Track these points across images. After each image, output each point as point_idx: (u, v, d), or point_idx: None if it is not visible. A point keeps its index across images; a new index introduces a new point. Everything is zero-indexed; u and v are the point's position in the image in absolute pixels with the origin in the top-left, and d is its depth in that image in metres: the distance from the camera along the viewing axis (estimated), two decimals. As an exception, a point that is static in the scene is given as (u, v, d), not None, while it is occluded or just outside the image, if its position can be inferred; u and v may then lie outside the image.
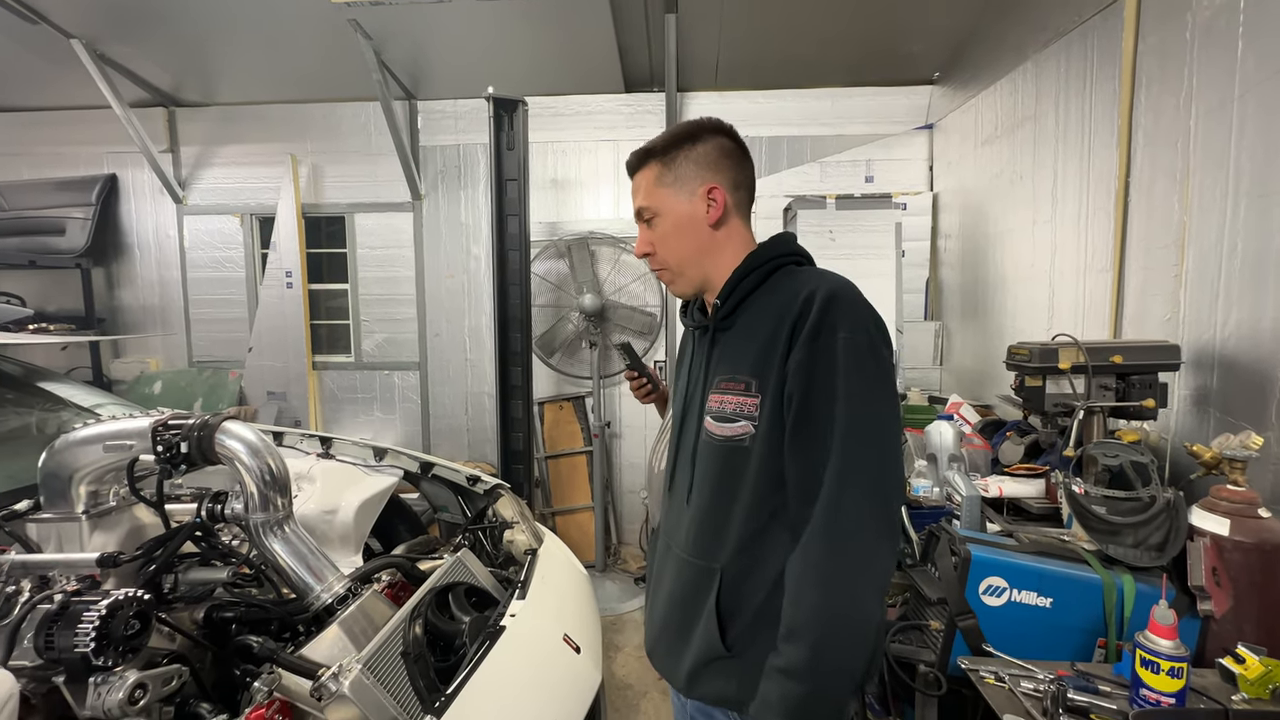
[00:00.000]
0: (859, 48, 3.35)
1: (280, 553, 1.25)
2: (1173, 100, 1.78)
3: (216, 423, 1.24)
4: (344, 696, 0.99)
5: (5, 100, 4.06)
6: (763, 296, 0.92)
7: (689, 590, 0.94)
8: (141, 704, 0.96)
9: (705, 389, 0.95)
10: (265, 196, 4.02)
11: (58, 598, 0.98)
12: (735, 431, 0.88)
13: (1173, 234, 1.78)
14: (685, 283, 0.99)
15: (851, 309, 0.83)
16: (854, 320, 0.82)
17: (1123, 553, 1.30)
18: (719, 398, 0.90)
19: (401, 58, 3.48)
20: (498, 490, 1.90)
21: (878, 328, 0.84)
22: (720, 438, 0.90)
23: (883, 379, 0.82)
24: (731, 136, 0.97)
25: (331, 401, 4.14)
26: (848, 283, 0.87)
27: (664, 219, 0.96)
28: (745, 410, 0.87)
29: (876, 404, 0.81)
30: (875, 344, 0.82)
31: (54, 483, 1.22)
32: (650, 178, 0.96)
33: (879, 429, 0.81)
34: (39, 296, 4.12)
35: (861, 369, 0.80)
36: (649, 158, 0.96)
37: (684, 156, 0.94)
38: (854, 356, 0.80)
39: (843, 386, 0.80)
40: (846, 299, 0.83)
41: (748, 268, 0.93)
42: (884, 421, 0.81)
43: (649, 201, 0.96)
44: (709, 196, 0.94)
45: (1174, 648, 0.97)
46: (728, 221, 0.96)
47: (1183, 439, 1.61)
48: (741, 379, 0.88)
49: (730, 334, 0.94)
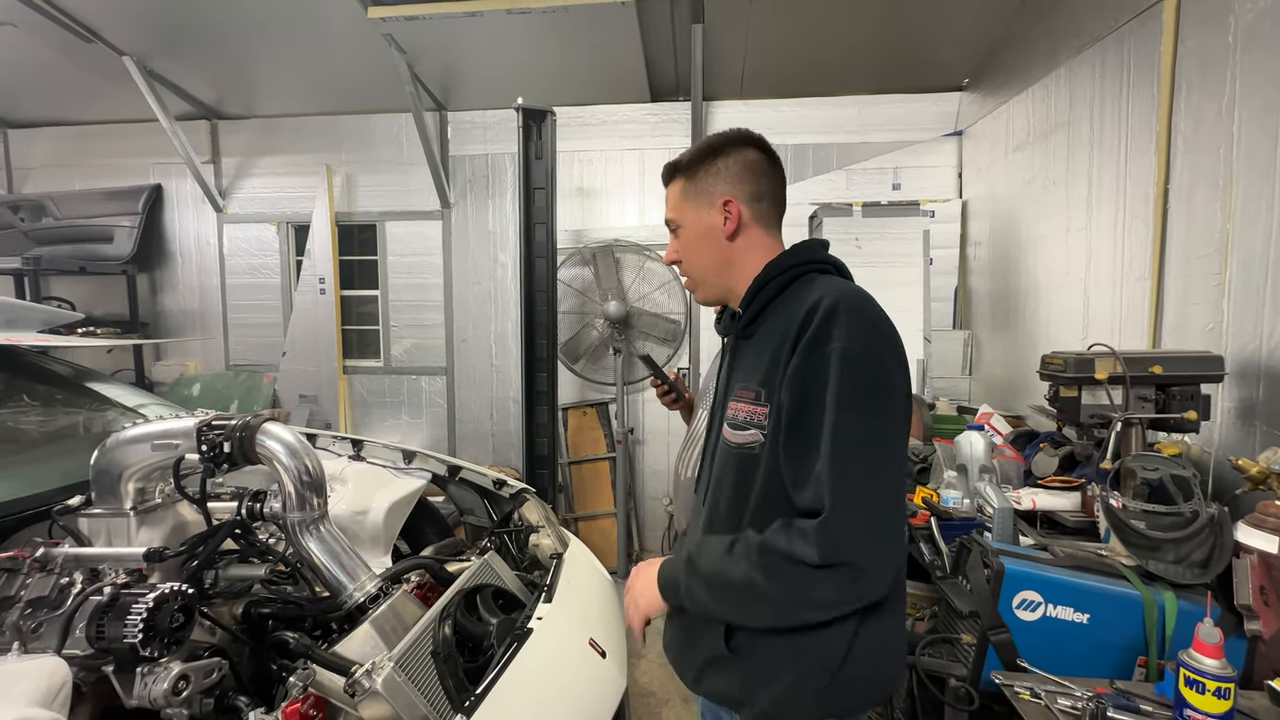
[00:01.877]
0: (886, 55, 3.33)
1: (315, 551, 1.29)
2: (1214, 105, 1.74)
3: (257, 424, 1.29)
4: (376, 693, 1.01)
5: (62, 115, 4.27)
6: (780, 306, 0.94)
7: None
8: (184, 695, 0.99)
9: (726, 396, 0.98)
10: (301, 205, 4.15)
11: (107, 590, 1.02)
12: (747, 439, 0.90)
13: (1215, 242, 1.73)
14: (706, 291, 1.03)
15: (851, 319, 0.82)
16: (851, 331, 0.81)
17: (1164, 569, 1.26)
18: (735, 405, 0.93)
19: (433, 70, 3.57)
20: (523, 495, 1.92)
21: (879, 339, 0.83)
22: (734, 444, 0.92)
23: (877, 390, 0.81)
24: (759, 147, 0.99)
25: (361, 405, 4.23)
26: (857, 293, 0.87)
27: (686, 230, 1.00)
28: (756, 419, 0.89)
29: (868, 414, 0.80)
30: (872, 355, 0.81)
31: (105, 479, 1.28)
32: (676, 190, 1.01)
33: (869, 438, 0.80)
34: (88, 301, 4.30)
35: (853, 380, 0.80)
36: (676, 172, 1.01)
37: (705, 170, 0.98)
38: (846, 367, 0.80)
39: (832, 397, 0.80)
40: (849, 309, 0.83)
41: (766, 277, 0.95)
42: (875, 431, 0.81)
43: (674, 214, 1.02)
44: (725, 209, 0.97)
45: (1220, 667, 0.93)
46: (745, 232, 0.98)
47: (1227, 453, 1.56)
48: (753, 388, 0.90)
49: (749, 343, 0.97)
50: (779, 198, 1.01)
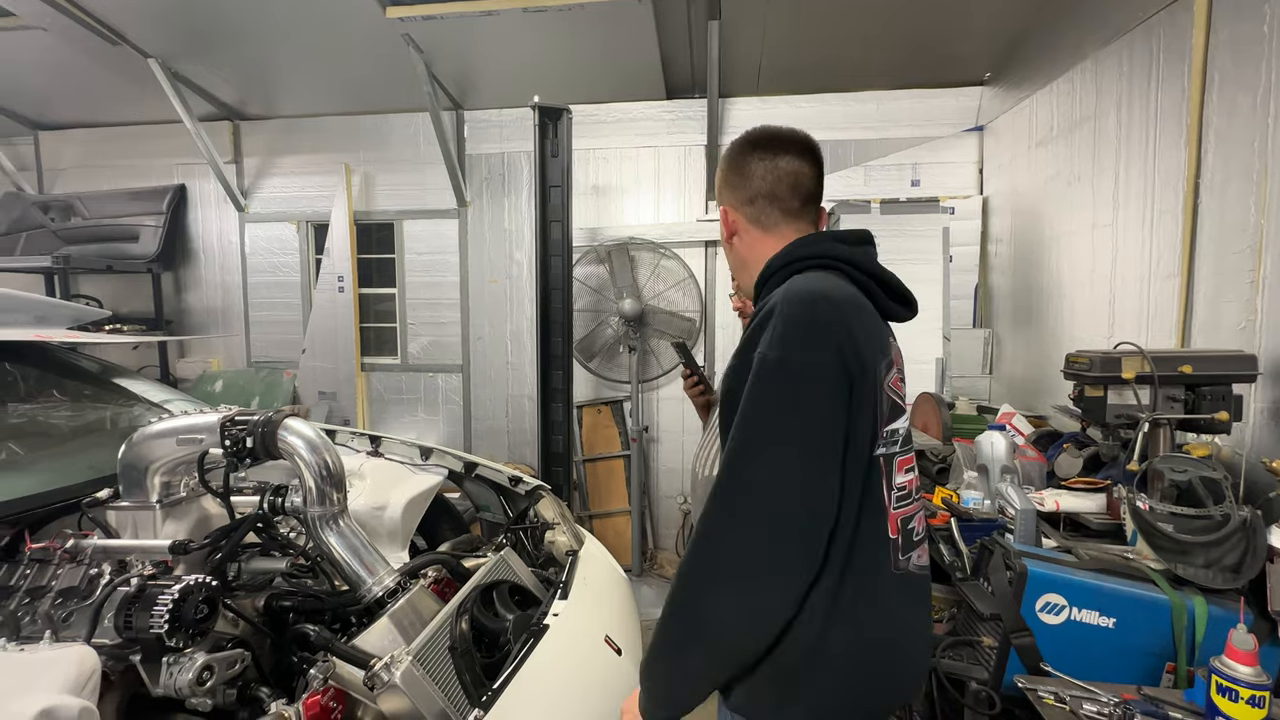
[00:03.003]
0: (905, 49, 3.28)
1: (335, 545, 1.30)
2: (1249, 98, 1.69)
3: (279, 419, 1.30)
4: (395, 686, 1.02)
5: (90, 117, 4.36)
6: None
7: None
8: (208, 685, 1.01)
9: None
10: (320, 205, 4.20)
11: (135, 581, 1.04)
12: None
13: (1248, 238, 1.68)
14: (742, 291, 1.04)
15: (779, 322, 0.78)
16: (774, 335, 0.78)
17: (1193, 573, 1.23)
18: None
19: (450, 69, 3.59)
20: (539, 492, 1.93)
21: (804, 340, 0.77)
22: None
23: (780, 399, 0.76)
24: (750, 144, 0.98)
25: (378, 402, 4.27)
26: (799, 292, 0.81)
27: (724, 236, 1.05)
28: None
29: (766, 425, 0.76)
30: (785, 360, 0.76)
31: (132, 473, 1.30)
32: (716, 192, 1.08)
33: (762, 454, 0.76)
34: (115, 299, 4.39)
35: (760, 388, 0.77)
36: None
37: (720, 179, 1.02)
38: (758, 374, 0.78)
39: (742, 406, 0.78)
40: (784, 310, 0.79)
41: (767, 273, 0.93)
42: (769, 445, 0.76)
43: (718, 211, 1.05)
44: (723, 217, 1.02)
45: (1254, 675, 0.91)
46: (742, 235, 0.99)
47: (1260, 455, 1.52)
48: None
49: None
50: (778, 192, 0.95)
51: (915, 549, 0.87)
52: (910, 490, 0.88)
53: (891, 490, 0.83)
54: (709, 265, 3.82)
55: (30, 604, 1.08)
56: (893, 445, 0.84)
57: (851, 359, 0.77)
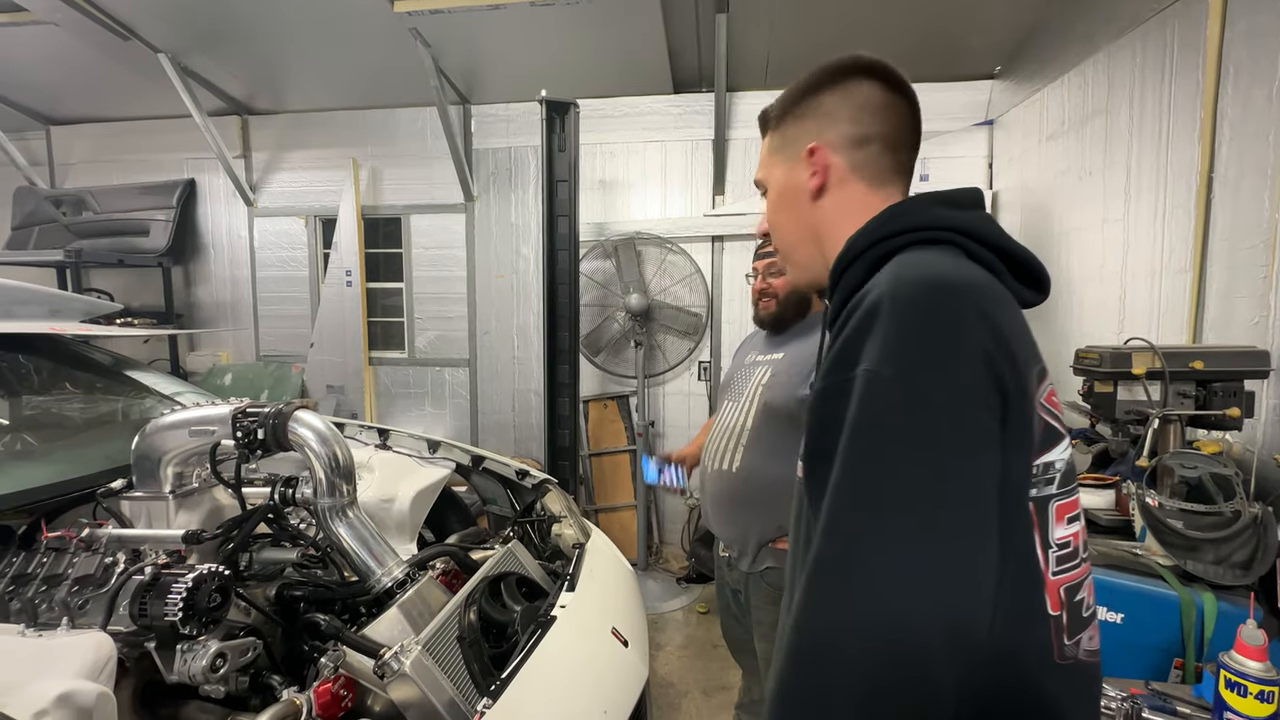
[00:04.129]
0: (914, 43, 3.25)
1: (345, 536, 1.31)
2: (1264, 91, 1.67)
3: (290, 411, 1.32)
4: (405, 675, 1.03)
5: (100, 112, 4.39)
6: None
7: None
8: (221, 672, 1.03)
9: None
10: (328, 199, 4.22)
11: (149, 570, 1.06)
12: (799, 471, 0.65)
13: (1262, 233, 1.66)
14: (795, 271, 0.77)
15: (891, 325, 0.54)
16: (886, 344, 0.53)
17: (1203, 569, 1.22)
18: None
19: (457, 64, 3.59)
20: (545, 485, 1.94)
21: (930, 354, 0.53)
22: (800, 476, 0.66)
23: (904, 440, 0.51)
24: (877, 75, 0.72)
25: (385, 396, 4.30)
26: (916, 280, 0.57)
27: (770, 191, 0.77)
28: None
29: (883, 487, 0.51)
30: (907, 381, 0.52)
31: (145, 464, 1.32)
32: (766, 144, 0.79)
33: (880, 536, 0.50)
34: (126, 293, 4.43)
35: (869, 426, 0.53)
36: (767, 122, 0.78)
37: (796, 113, 0.74)
38: (867, 405, 0.53)
39: (843, 455, 0.53)
40: (895, 309, 0.54)
41: (848, 256, 0.66)
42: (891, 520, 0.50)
43: (761, 172, 0.79)
44: (810, 159, 0.72)
45: (1264, 670, 0.91)
46: (837, 190, 0.72)
47: (1272, 451, 1.51)
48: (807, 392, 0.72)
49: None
50: (898, 141, 0.73)
51: (1086, 628, 0.61)
52: (1076, 547, 0.60)
53: (1049, 549, 0.58)
54: (715, 261, 3.81)
55: (47, 591, 1.10)
56: (1048, 485, 0.58)
57: (1005, 370, 0.53)
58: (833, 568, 0.51)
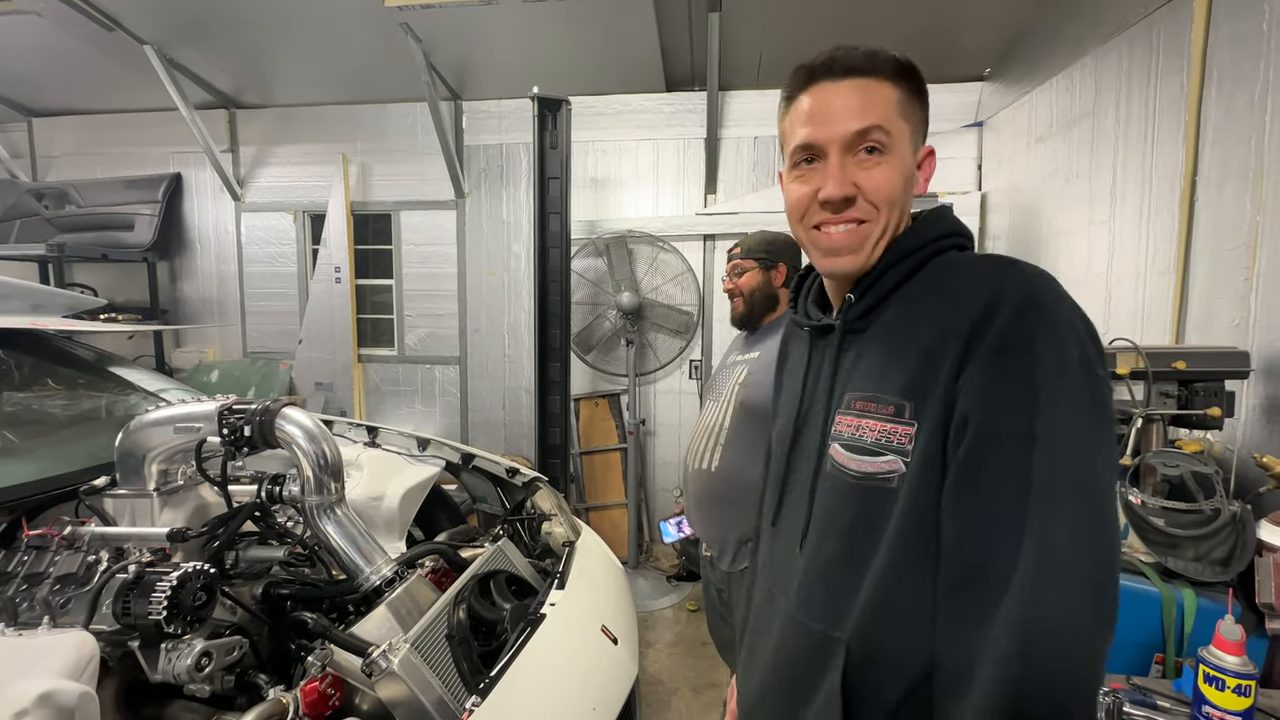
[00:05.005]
0: (906, 44, 3.17)
1: (332, 534, 1.31)
2: (1246, 95, 1.69)
3: (277, 408, 1.30)
4: (393, 674, 1.03)
5: (84, 104, 4.32)
6: (915, 291, 0.70)
7: (801, 658, 0.73)
8: (206, 671, 1.02)
9: (830, 408, 0.74)
10: (317, 195, 4.18)
11: (133, 568, 1.05)
12: (879, 468, 0.66)
13: (1244, 235, 1.69)
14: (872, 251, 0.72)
15: (1058, 311, 0.60)
16: (1061, 328, 0.59)
17: (1183, 566, 1.25)
18: (854, 421, 0.69)
19: (449, 60, 3.57)
20: (536, 483, 1.94)
21: (1093, 337, 0.60)
22: (856, 474, 0.68)
23: (1101, 413, 0.58)
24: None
25: (375, 393, 4.27)
26: (1045, 274, 0.62)
27: (893, 159, 0.70)
28: (895, 442, 0.65)
29: (1094, 449, 0.57)
30: (1091, 361, 0.58)
31: (129, 461, 1.30)
32: (894, 98, 0.70)
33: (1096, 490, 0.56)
34: (110, 288, 4.37)
35: (1074, 399, 0.57)
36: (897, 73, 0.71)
37: (923, 100, 0.74)
38: (1062, 380, 0.57)
39: (1044, 423, 0.56)
40: (1051, 299, 0.60)
41: (900, 252, 0.70)
42: (1102, 477, 0.57)
43: (890, 125, 0.69)
44: (928, 160, 0.75)
45: (1241, 664, 0.92)
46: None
47: (1251, 450, 1.53)
48: (890, 400, 0.66)
49: (867, 339, 0.73)
50: None
51: None
52: None
53: None
54: (707, 259, 3.82)
55: (28, 590, 1.09)
56: None
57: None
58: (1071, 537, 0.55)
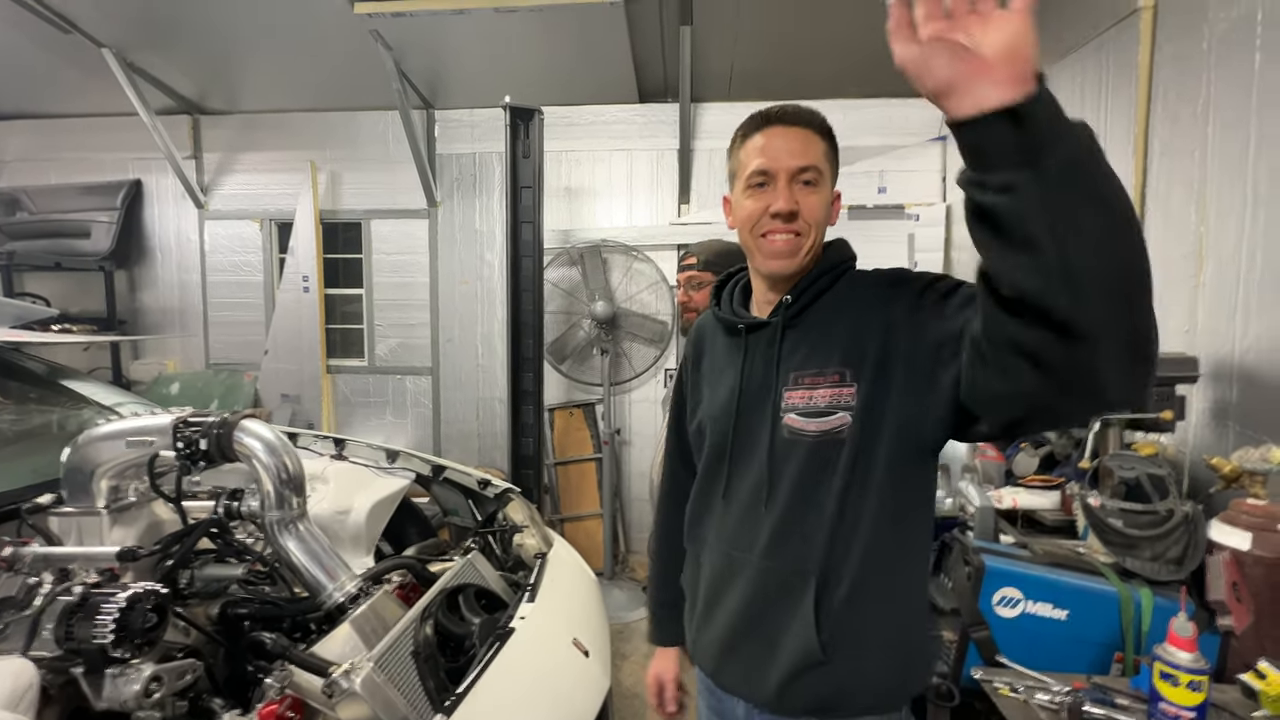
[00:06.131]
0: (873, 60, 3.32)
1: (294, 551, 1.27)
2: (1190, 109, 1.78)
3: (235, 421, 1.27)
4: (355, 694, 0.99)
5: (36, 108, 4.17)
6: (834, 296, 0.93)
7: (772, 598, 0.89)
8: (156, 697, 0.97)
9: (776, 386, 0.92)
10: (284, 202, 4.09)
11: (77, 590, 1.00)
12: (832, 425, 0.85)
13: (1190, 244, 1.76)
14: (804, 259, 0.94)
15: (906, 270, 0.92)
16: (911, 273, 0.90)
17: (1140, 566, 1.28)
18: (805, 394, 0.88)
19: (420, 68, 3.54)
20: (508, 495, 1.91)
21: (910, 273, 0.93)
22: (815, 434, 0.87)
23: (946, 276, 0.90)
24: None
25: (344, 405, 4.18)
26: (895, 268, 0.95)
27: (822, 191, 0.93)
28: (842, 401, 0.85)
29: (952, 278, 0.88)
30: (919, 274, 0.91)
31: (77, 477, 1.25)
32: (822, 148, 0.94)
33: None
34: (63, 298, 4.20)
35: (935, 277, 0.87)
36: (823, 131, 0.95)
37: (837, 155, 0.97)
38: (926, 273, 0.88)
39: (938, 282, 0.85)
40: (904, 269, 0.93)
41: (828, 266, 0.94)
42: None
43: (822, 165, 0.92)
44: (838, 203, 0.98)
45: (1193, 660, 0.95)
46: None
47: (1201, 452, 1.59)
48: (833, 370, 0.87)
49: (802, 330, 0.93)
50: None
51: None
52: None
53: None
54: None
55: (-37, 616, 1.02)
56: None
57: None
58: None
